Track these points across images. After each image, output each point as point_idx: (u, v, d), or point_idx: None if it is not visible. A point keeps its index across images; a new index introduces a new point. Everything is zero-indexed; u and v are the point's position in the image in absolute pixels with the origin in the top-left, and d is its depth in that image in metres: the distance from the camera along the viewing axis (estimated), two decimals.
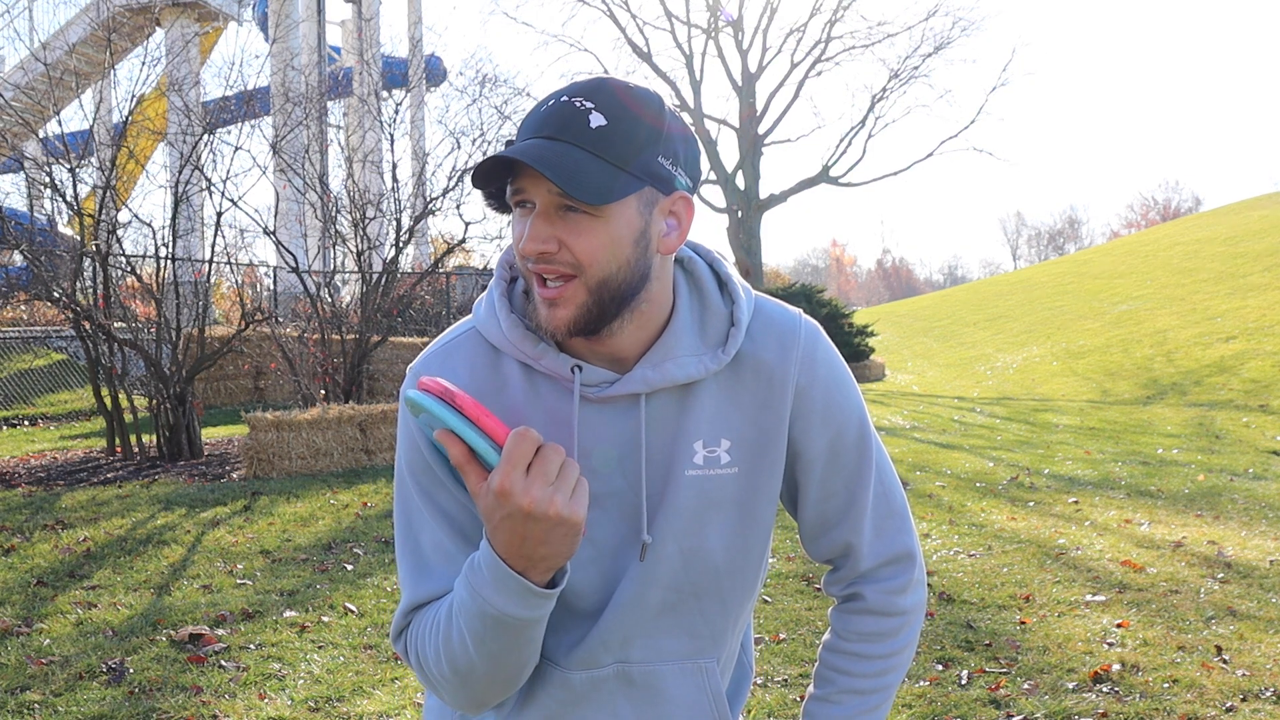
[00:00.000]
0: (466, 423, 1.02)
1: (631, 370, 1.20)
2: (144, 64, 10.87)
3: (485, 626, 1.10)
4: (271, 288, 17.36)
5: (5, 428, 12.04)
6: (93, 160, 10.19)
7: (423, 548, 1.22)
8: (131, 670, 4.01)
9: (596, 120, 1.10)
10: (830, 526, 1.31)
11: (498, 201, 1.16)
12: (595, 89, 1.12)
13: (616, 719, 1.26)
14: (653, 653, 1.25)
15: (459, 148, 11.73)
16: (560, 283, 1.13)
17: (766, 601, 4.93)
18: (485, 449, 1.02)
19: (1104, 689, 3.72)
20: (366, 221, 11.49)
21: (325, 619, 4.69)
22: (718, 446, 1.23)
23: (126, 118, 10.32)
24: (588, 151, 1.09)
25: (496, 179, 1.13)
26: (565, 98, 1.12)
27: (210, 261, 11.24)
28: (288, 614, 4.76)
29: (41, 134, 10.78)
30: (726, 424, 1.23)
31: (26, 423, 12.42)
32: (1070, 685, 3.76)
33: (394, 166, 11.91)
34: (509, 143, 1.16)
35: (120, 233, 9.87)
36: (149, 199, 60.84)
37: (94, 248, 9.35)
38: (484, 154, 11.59)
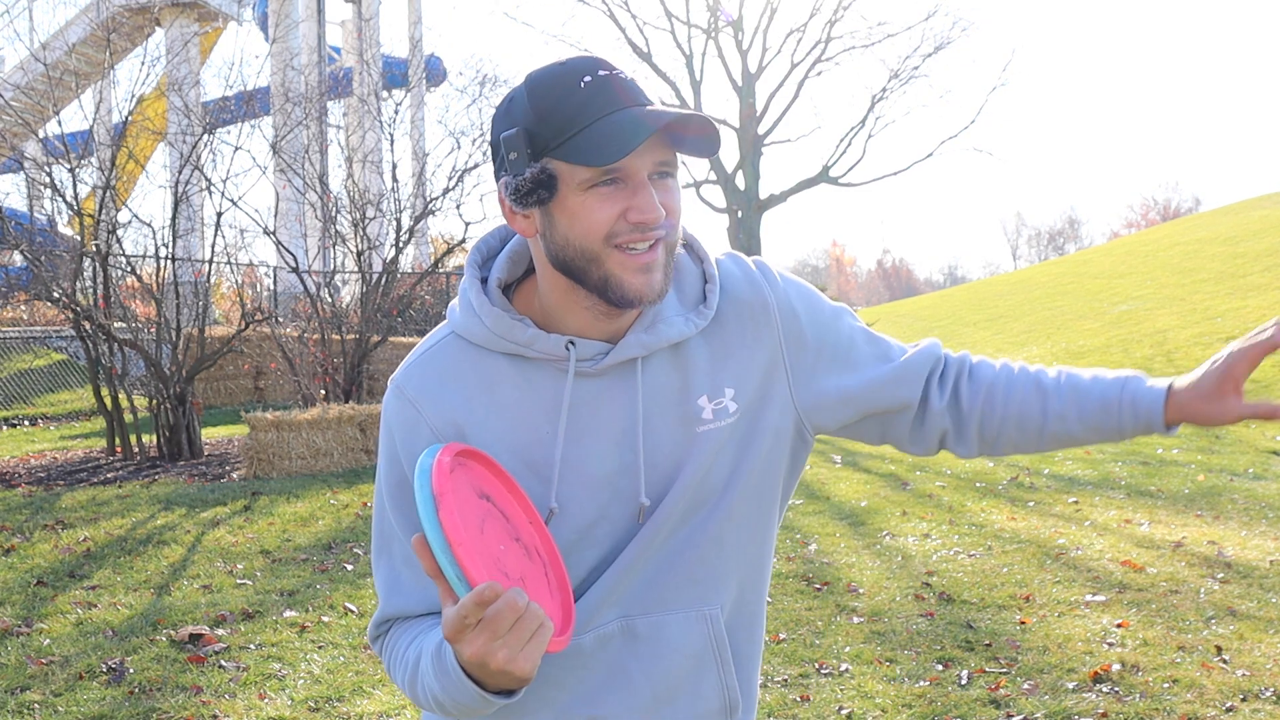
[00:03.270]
0: (445, 547, 1.00)
1: (624, 337, 1.21)
2: (144, 64, 10.90)
3: (446, 701, 1.13)
4: (271, 288, 17.37)
5: (5, 428, 12.03)
6: (93, 160, 10.20)
7: (395, 561, 1.25)
8: (131, 670, 4.01)
9: (643, 87, 1.15)
10: (901, 408, 1.33)
11: (548, 191, 1.14)
12: (608, 63, 1.15)
13: (626, 677, 1.25)
14: (655, 603, 1.25)
15: (459, 148, 11.73)
16: (651, 245, 1.15)
17: (767, 601, 4.93)
18: (453, 579, 1.01)
19: (1104, 689, 3.72)
20: (366, 221, 11.49)
21: (325, 619, 4.69)
22: (723, 397, 1.24)
23: (126, 118, 10.32)
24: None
25: (616, 155, 1.09)
26: (604, 72, 1.13)
27: (210, 261, 11.25)
28: (288, 614, 4.76)
29: (41, 134, 10.79)
30: (726, 372, 1.25)
31: (26, 423, 12.41)
32: (1070, 685, 3.76)
33: (394, 166, 11.91)
34: (520, 129, 1.15)
35: (120, 233, 9.88)
36: (149, 199, 60.95)
37: (94, 248, 9.35)
38: (485, 156, 11.57)
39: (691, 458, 1.22)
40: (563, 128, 1.11)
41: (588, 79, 1.12)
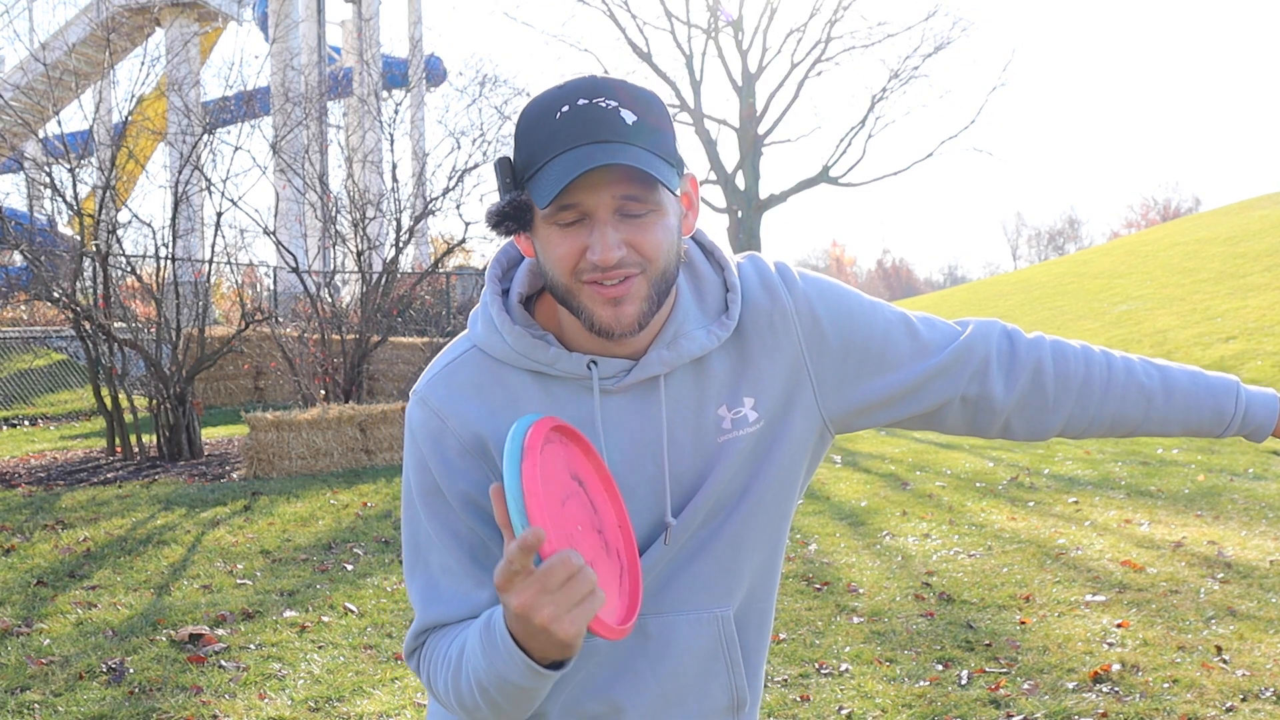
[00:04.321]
0: (519, 495, 1.00)
1: (646, 354, 1.20)
2: (144, 64, 10.90)
3: (490, 683, 1.10)
4: (271, 288, 17.38)
5: (5, 428, 12.03)
6: (93, 160, 10.20)
7: (432, 570, 1.23)
8: (131, 670, 4.01)
9: (629, 117, 1.11)
10: (941, 404, 1.31)
11: (516, 222, 1.14)
12: (603, 87, 1.12)
13: (635, 674, 1.25)
14: (668, 603, 1.24)
15: (459, 148, 11.74)
16: (619, 280, 1.13)
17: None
18: (518, 526, 1.00)
19: (1104, 689, 3.72)
20: (366, 221, 11.49)
21: (325, 619, 4.70)
22: (742, 406, 1.23)
23: (126, 118, 10.32)
24: (638, 148, 1.10)
25: (550, 194, 1.09)
26: (584, 100, 1.11)
27: (210, 261, 11.25)
28: (288, 614, 4.76)
29: (41, 134, 10.79)
30: (745, 382, 1.24)
31: (26, 423, 12.41)
32: (1070, 685, 3.76)
33: (394, 166, 11.92)
34: (504, 157, 1.15)
35: (120, 233, 9.88)
36: (149, 199, 60.93)
37: (94, 248, 9.35)
38: (485, 156, 11.59)
39: (713, 469, 1.22)
40: (530, 160, 1.12)
41: (564, 109, 1.10)
